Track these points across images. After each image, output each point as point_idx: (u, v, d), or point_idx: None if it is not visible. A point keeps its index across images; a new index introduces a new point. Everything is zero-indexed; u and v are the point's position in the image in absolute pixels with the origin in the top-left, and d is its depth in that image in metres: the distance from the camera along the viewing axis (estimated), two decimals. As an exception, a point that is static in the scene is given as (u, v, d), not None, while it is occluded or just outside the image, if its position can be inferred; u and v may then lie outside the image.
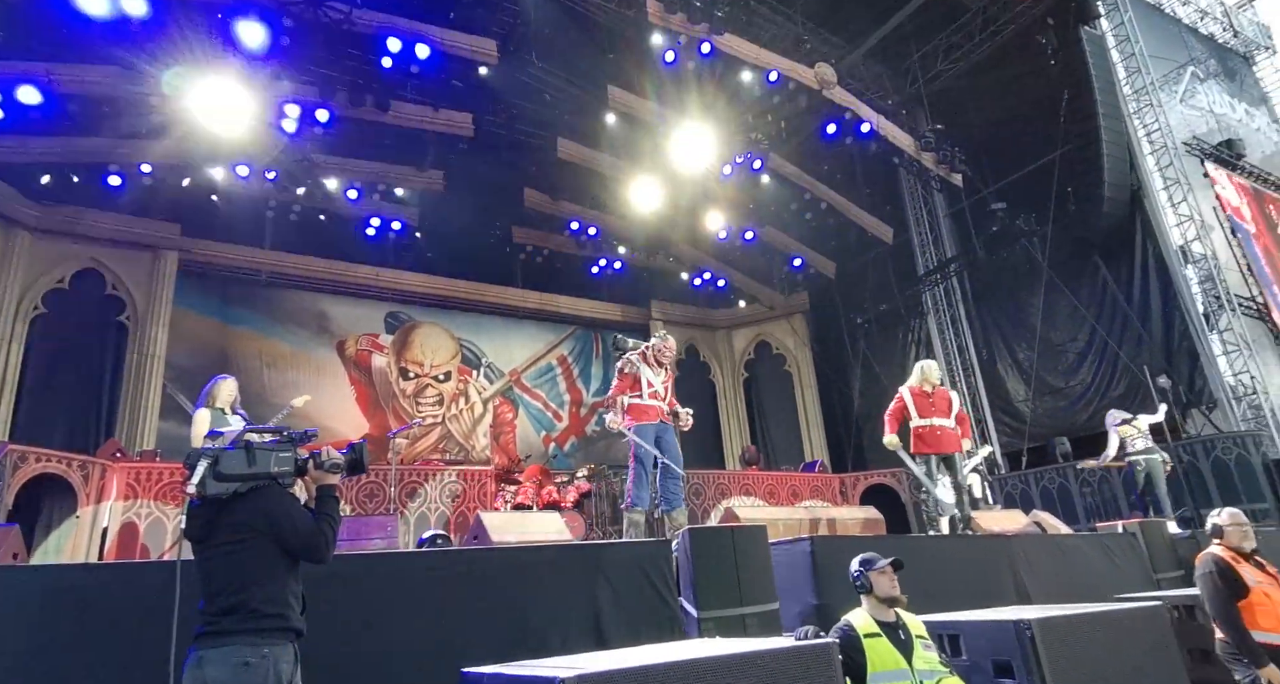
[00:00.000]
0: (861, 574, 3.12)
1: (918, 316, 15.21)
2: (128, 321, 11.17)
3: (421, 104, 11.05)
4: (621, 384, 5.39)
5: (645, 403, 5.32)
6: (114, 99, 9.66)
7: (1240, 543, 3.95)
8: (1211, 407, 11.27)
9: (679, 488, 5.34)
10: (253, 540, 2.21)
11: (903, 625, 3.04)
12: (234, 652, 2.09)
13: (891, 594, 3.05)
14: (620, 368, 5.48)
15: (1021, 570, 5.17)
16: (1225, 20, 16.88)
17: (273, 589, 2.21)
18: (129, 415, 10.61)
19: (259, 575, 2.19)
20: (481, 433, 13.92)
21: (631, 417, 5.28)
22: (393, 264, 13.80)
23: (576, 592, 3.58)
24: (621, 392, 5.36)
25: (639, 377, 5.35)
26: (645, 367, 5.40)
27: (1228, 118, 15.19)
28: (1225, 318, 11.58)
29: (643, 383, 5.34)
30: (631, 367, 5.39)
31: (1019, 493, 12.03)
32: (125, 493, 7.69)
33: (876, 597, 3.06)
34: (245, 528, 2.21)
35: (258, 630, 2.14)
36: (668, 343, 5.59)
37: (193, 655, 2.11)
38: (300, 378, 12.46)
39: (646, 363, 5.43)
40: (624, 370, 5.43)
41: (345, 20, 9.62)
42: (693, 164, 12.67)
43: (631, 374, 5.37)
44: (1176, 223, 12.15)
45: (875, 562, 3.12)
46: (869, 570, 3.11)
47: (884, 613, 3.05)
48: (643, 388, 5.34)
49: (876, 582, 3.07)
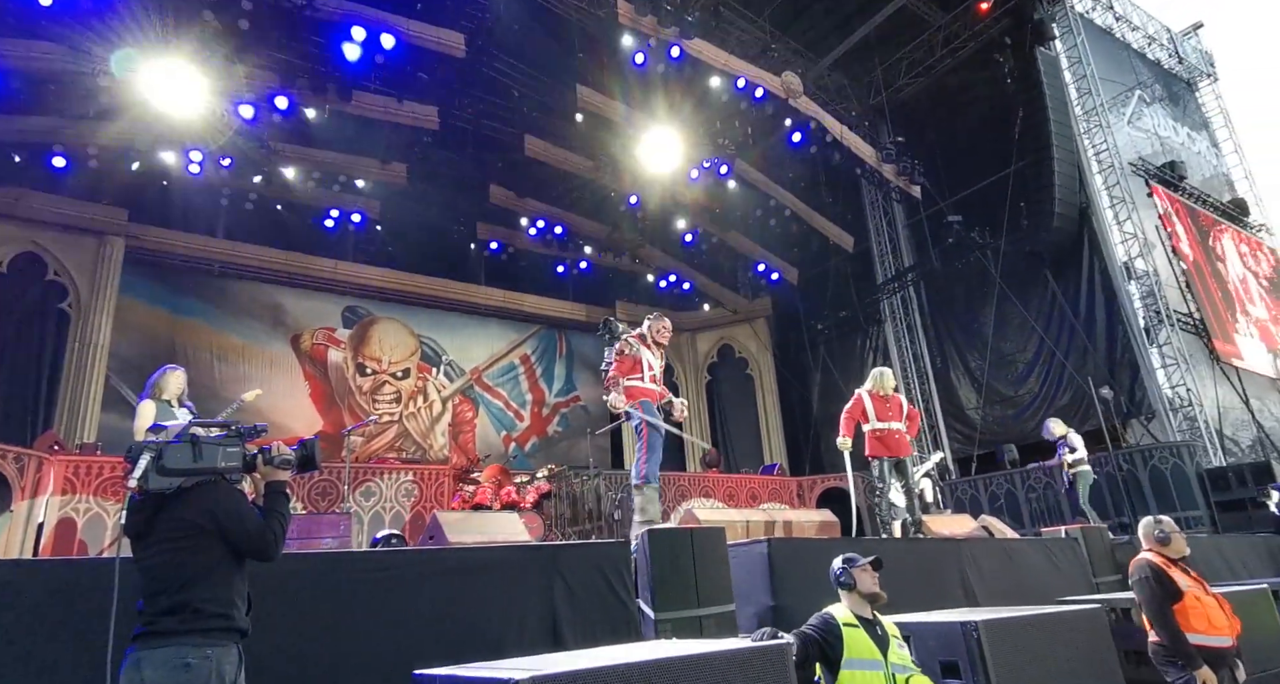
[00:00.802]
0: (845, 571, 3.19)
1: (875, 324, 15.52)
2: (69, 309, 10.70)
3: (386, 95, 10.87)
4: (621, 365, 5.20)
5: (646, 386, 5.16)
6: (60, 78, 9.30)
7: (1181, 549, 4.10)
8: (1150, 417, 11.76)
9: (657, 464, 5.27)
10: (197, 538, 2.13)
11: (879, 623, 3.13)
12: (174, 653, 2.01)
13: (874, 590, 3.13)
14: (619, 349, 5.27)
15: (969, 573, 5.31)
16: (1171, 47, 17.63)
17: (217, 588, 2.13)
18: (69, 407, 10.19)
19: (202, 574, 2.12)
20: (440, 432, 13.72)
21: (632, 399, 5.10)
22: (352, 257, 13.54)
23: (533, 593, 3.55)
24: (622, 373, 5.16)
25: (639, 359, 5.20)
26: (644, 349, 5.25)
27: (1171, 141, 15.88)
28: (1164, 332, 12.08)
29: (644, 365, 5.18)
30: (632, 349, 5.22)
31: (968, 498, 12.34)
32: (63, 487, 7.39)
33: (860, 593, 3.13)
34: (189, 525, 2.12)
35: (201, 630, 2.06)
36: (665, 323, 5.43)
37: (130, 656, 2.03)
38: (252, 372, 12.12)
39: (645, 345, 5.28)
40: (625, 352, 5.24)
41: (308, 6, 9.40)
42: (660, 167, 12.72)
43: (632, 356, 5.20)
44: (1121, 240, 12.64)
45: (857, 560, 3.20)
46: (852, 568, 3.18)
47: (863, 610, 3.13)
48: (643, 370, 5.18)
49: (860, 578, 3.14)
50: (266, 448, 2.37)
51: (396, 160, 12.17)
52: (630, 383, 5.15)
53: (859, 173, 14.44)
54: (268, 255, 12.57)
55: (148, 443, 2.17)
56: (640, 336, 5.36)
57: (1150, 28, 17.11)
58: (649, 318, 5.53)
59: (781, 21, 13.01)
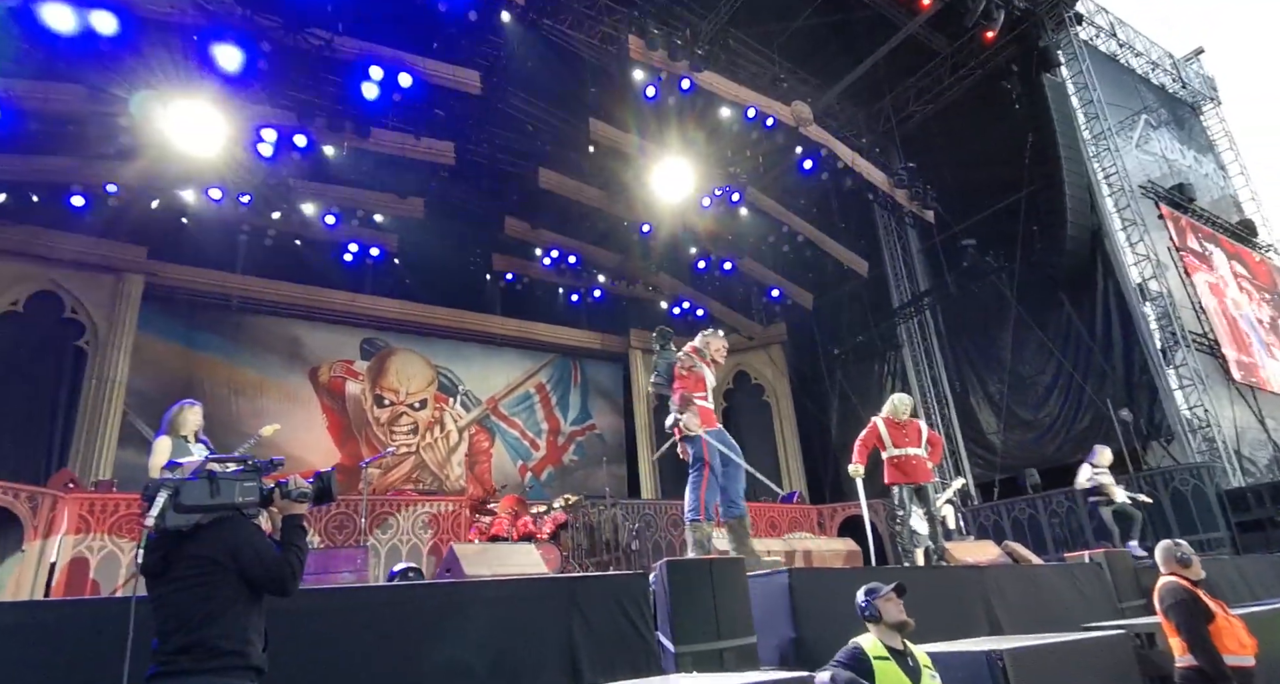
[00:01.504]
0: (869, 603, 3.13)
1: (893, 349, 15.43)
2: (86, 346, 10.75)
3: (403, 132, 11.08)
4: (684, 383, 4.96)
5: (708, 405, 4.97)
6: (80, 118, 9.46)
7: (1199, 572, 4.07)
8: (1169, 439, 11.58)
9: (740, 490, 4.98)
10: (214, 574, 2.12)
11: (910, 654, 3.06)
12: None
13: (901, 619, 3.07)
14: (687, 365, 5.05)
15: (994, 601, 5.20)
16: (1174, 72, 17.76)
17: (232, 625, 2.12)
18: (85, 444, 10.17)
19: (218, 610, 2.10)
20: (456, 462, 13.71)
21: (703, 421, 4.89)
22: (370, 290, 13.69)
23: (551, 626, 3.51)
24: (688, 390, 4.93)
25: (702, 377, 5.00)
26: (705, 367, 5.07)
27: (1179, 163, 15.90)
28: (1180, 353, 11.95)
29: (707, 383, 5.01)
30: (694, 365, 5.02)
31: (991, 523, 12.13)
32: (77, 526, 7.36)
33: (886, 623, 3.07)
34: (206, 561, 2.12)
35: (216, 669, 2.04)
36: (723, 341, 5.22)
37: None
38: (270, 405, 12.21)
39: (705, 362, 5.10)
40: (690, 368, 5.02)
41: (326, 47, 9.64)
42: (672, 196, 12.85)
43: (697, 374, 4.99)
44: (1134, 261, 12.57)
45: (880, 590, 3.15)
46: (876, 599, 3.12)
47: (893, 640, 3.06)
48: (708, 389, 4.99)
49: (885, 609, 3.09)
50: (283, 482, 2.38)
51: (414, 194, 12.37)
52: (698, 401, 4.92)
53: (871, 198, 14.50)
54: (286, 290, 12.74)
55: (165, 480, 2.17)
56: (698, 352, 5.14)
57: (1153, 53, 17.26)
58: (704, 334, 5.32)
59: (790, 53, 13.22)
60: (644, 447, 15.43)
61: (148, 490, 2.14)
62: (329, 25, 9.59)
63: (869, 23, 12.82)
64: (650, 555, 9.57)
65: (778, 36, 12.88)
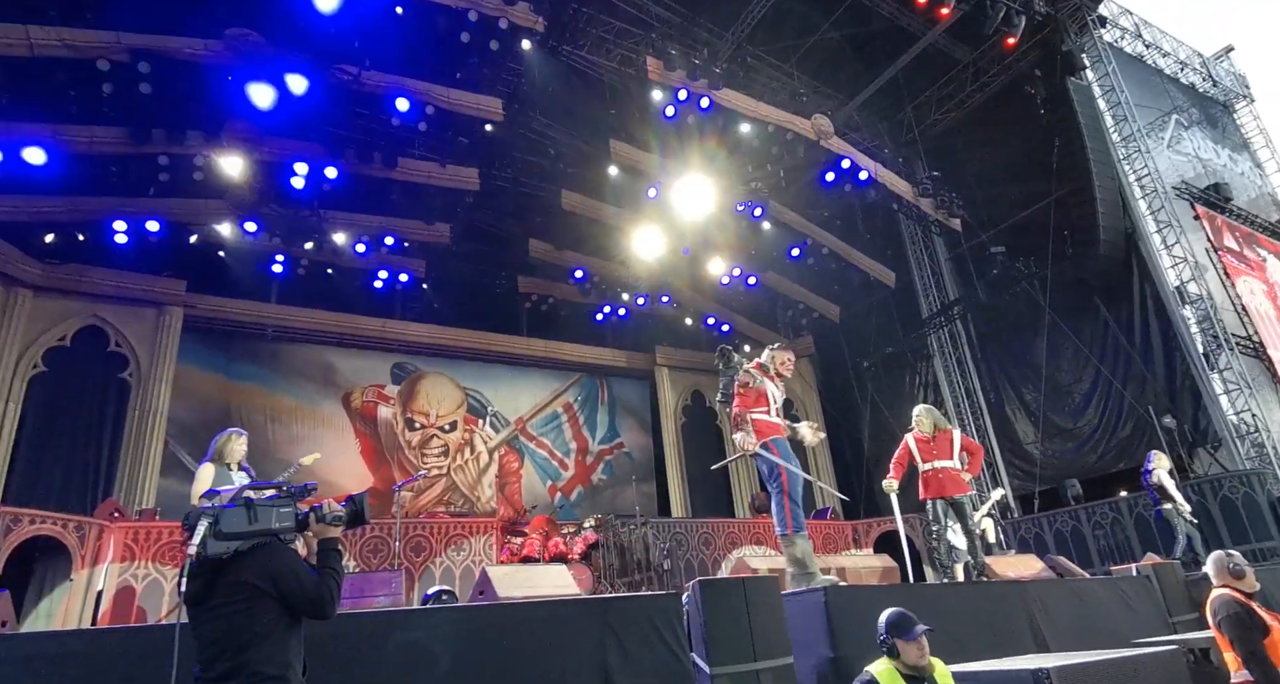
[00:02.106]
0: (887, 639, 3.03)
1: (924, 360, 15.22)
2: (130, 378, 11.08)
3: (429, 160, 11.35)
4: (745, 400, 4.97)
5: (772, 419, 4.93)
6: (121, 158, 9.86)
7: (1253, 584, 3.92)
8: (1216, 446, 11.20)
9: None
10: (254, 600, 2.15)
11: (929, 677, 2.98)
12: None
13: (919, 664, 2.97)
14: (743, 381, 5.04)
15: (1038, 617, 5.06)
16: (1204, 71, 17.41)
17: (274, 649, 2.14)
18: (129, 473, 10.44)
19: (260, 636, 2.13)
20: (487, 484, 13.79)
21: (762, 437, 4.86)
22: (399, 315, 13.93)
23: (585, 648, 3.50)
24: (747, 407, 4.93)
25: (763, 391, 4.98)
26: (767, 381, 5.04)
27: (1213, 162, 15.53)
28: (1224, 357, 11.59)
29: (768, 398, 4.97)
30: (756, 381, 5.00)
31: (1032, 536, 11.83)
32: (122, 554, 7.54)
33: (903, 663, 2.99)
34: (246, 587, 2.15)
35: None
36: (788, 355, 5.18)
37: None
38: (305, 432, 12.43)
39: (768, 377, 5.06)
40: (749, 384, 5.00)
41: (354, 81, 9.94)
42: (695, 212, 12.91)
43: (756, 389, 4.98)
44: (1171, 264, 12.27)
45: (908, 631, 3.01)
46: (898, 638, 3.01)
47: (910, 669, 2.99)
48: (769, 403, 4.96)
49: (905, 650, 2.99)
50: (318, 506, 2.42)
51: (440, 220, 12.60)
52: (757, 416, 4.91)
53: (896, 208, 14.41)
54: (319, 318, 13.01)
55: (204, 509, 2.22)
56: (761, 367, 5.13)
57: (1181, 53, 16.95)
58: (770, 348, 5.31)
59: (809, 67, 13.26)
60: (672, 465, 15.37)
61: (189, 519, 2.19)
62: (356, 60, 9.88)
63: (887, 34, 12.82)
64: (682, 575, 9.50)
65: (795, 51, 12.95)
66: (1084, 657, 3.46)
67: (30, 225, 10.22)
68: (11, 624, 4.64)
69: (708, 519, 11.67)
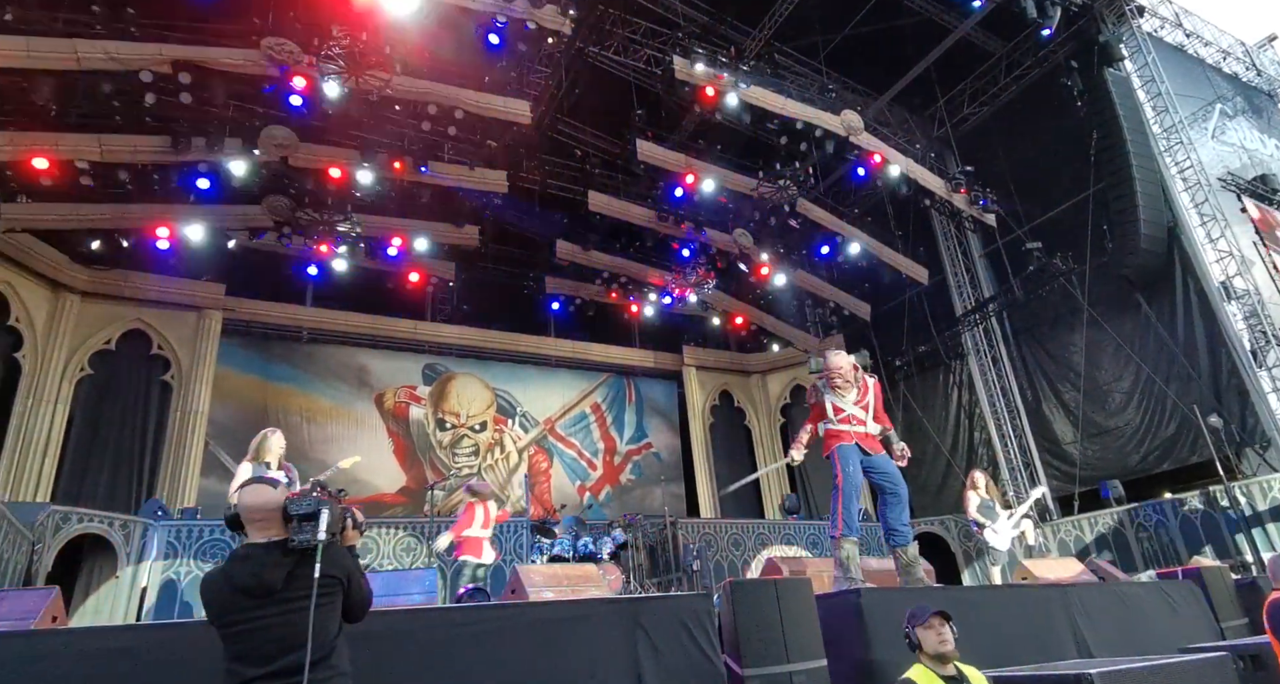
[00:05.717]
0: (910, 631, 2.97)
1: (958, 358, 14.95)
2: (171, 380, 11.40)
3: (458, 163, 11.46)
4: (812, 415, 5.28)
5: (836, 427, 5.13)
6: (163, 167, 10.14)
7: None
8: (1265, 446, 10.80)
9: (900, 517, 5.04)
10: (335, 594, 2.16)
11: (965, 681, 2.89)
12: None
13: (940, 651, 2.87)
14: (810, 398, 5.35)
15: (1080, 621, 4.94)
16: (1247, 60, 16.84)
17: (343, 644, 2.17)
18: (170, 473, 10.73)
19: (337, 629, 2.15)
20: (517, 483, 13.89)
21: (828, 442, 5.15)
22: (430, 317, 14.12)
23: (617, 648, 3.50)
24: (812, 421, 5.25)
25: (823, 404, 5.19)
26: (830, 393, 5.21)
27: (1259, 153, 14.98)
28: (1273, 354, 11.18)
29: (828, 409, 5.15)
30: (817, 395, 5.24)
31: (1073, 539, 11.56)
32: (165, 551, 7.77)
33: (926, 654, 2.91)
34: (331, 580, 2.14)
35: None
36: (833, 362, 5.22)
37: None
38: (339, 432, 12.64)
39: (832, 388, 5.20)
40: (810, 401, 5.32)
41: (385, 87, 10.08)
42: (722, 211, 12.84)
43: (818, 403, 5.21)
44: (1216, 259, 11.88)
45: (920, 615, 2.95)
46: (913, 626, 2.95)
47: (943, 668, 2.89)
48: (829, 414, 5.14)
49: (923, 637, 2.91)
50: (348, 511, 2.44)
51: (469, 223, 12.73)
52: (825, 426, 5.17)
53: (928, 204, 14.17)
54: (353, 320, 13.24)
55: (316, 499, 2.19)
56: (827, 379, 5.27)
57: (1223, 42, 16.41)
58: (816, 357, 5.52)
59: (837, 63, 13.11)
60: (700, 465, 15.31)
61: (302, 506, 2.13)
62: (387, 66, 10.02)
63: (917, 28, 12.61)
64: (712, 575, 9.46)
65: (823, 48, 12.81)
66: (1129, 662, 3.37)
67: (77, 232, 10.54)
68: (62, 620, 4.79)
69: (738, 520, 11.62)
